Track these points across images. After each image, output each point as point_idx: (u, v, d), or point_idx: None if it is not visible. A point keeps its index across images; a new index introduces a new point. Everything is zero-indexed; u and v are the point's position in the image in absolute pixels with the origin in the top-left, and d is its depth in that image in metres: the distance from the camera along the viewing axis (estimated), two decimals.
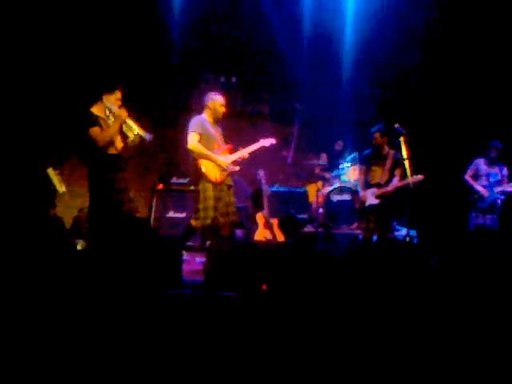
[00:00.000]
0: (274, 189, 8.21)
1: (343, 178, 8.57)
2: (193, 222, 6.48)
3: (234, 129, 6.78)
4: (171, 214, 8.13)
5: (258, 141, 6.57)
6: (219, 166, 6.30)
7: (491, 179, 7.59)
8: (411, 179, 6.57)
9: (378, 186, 7.00)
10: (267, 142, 6.62)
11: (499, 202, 7.58)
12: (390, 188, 6.93)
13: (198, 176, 6.33)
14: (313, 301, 2.55)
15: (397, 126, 6.53)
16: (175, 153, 8.76)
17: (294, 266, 2.72)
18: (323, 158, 8.93)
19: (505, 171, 7.58)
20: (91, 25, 7.97)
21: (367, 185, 7.12)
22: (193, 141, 6.25)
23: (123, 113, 5.66)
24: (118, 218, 5.57)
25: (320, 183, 8.63)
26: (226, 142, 6.50)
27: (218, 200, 6.29)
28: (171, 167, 8.66)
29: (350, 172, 8.52)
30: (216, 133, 6.40)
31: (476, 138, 7.96)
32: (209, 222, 6.28)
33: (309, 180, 8.85)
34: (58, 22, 7.86)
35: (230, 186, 6.43)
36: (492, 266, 2.84)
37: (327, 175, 8.71)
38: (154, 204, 8.20)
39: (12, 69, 7.66)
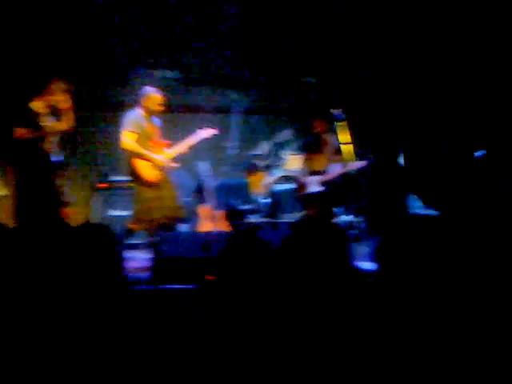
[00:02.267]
0: (217, 181, 8.19)
1: (285, 167, 8.62)
2: (130, 225, 6.33)
3: (173, 123, 6.68)
4: (112, 212, 8.03)
5: (197, 133, 6.49)
6: (156, 165, 6.17)
7: None
8: (353, 165, 6.64)
9: (320, 173, 7.07)
10: (207, 133, 6.52)
11: None
12: (332, 175, 7.00)
13: (135, 176, 6.20)
14: (257, 289, 2.55)
15: (334, 111, 6.61)
16: (115, 150, 8.64)
17: (237, 256, 2.72)
18: (264, 148, 8.95)
19: None
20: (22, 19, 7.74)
21: (309, 173, 7.17)
22: (127, 140, 6.06)
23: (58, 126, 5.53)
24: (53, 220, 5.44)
25: (262, 173, 8.66)
26: (164, 137, 6.38)
27: (159, 199, 6.16)
28: (111, 164, 8.55)
29: (291, 161, 8.57)
30: (152, 128, 6.23)
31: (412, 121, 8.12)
32: (147, 224, 6.15)
33: (251, 170, 8.87)
34: None
35: (168, 182, 6.30)
36: (434, 249, 2.90)
37: (268, 164, 8.74)
38: (94, 203, 8.08)
39: None
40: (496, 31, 7.51)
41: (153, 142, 6.22)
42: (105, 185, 8.13)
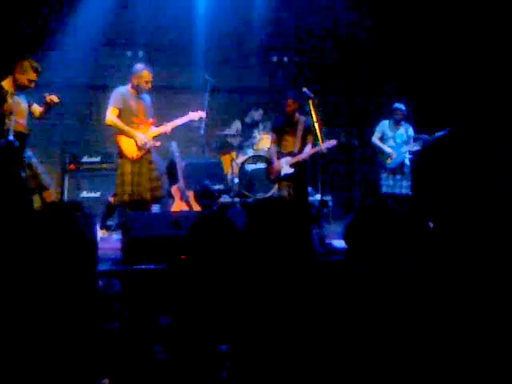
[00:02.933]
0: (188, 160, 8.17)
1: (257, 146, 8.62)
2: (111, 200, 6.47)
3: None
4: (85, 194, 8.01)
5: (187, 114, 6.52)
6: (136, 142, 6.22)
7: (398, 140, 7.78)
8: (323, 145, 6.60)
9: (292, 154, 6.96)
10: (196, 115, 6.55)
11: (407, 161, 7.79)
12: (304, 155, 6.88)
13: (117, 150, 6.30)
14: (225, 269, 2.57)
15: (305, 89, 6.54)
16: (85, 131, 8.59)
17: (204, 236, 2.73)
18: (237, 127, 8.94)
19: (410, 131, 7.78)
20: None
21: (280, 154, 7.06)
22: (110, 116, 6.14)
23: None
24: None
25: (234, 153, 8.65)
26: (152, 115, 6.42)
27: (137, 175, 6.21)
28: (81, 146, 8.49)
29: (263, 140, 8.57)
30: (138, 106, 6.27)
31: (383, 99, 8.15)
32: (126, 197, 6.20)
33: (223, 150, 8.87)
34: None
35: (150, 161, 6.35)
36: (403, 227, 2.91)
37: (240, 144, 8.73)
38: (65, 185, 8.04)
39: None
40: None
41: (138, 119, 6.26)
42: (76, 166, 8.09)
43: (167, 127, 6.42)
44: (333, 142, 6.77)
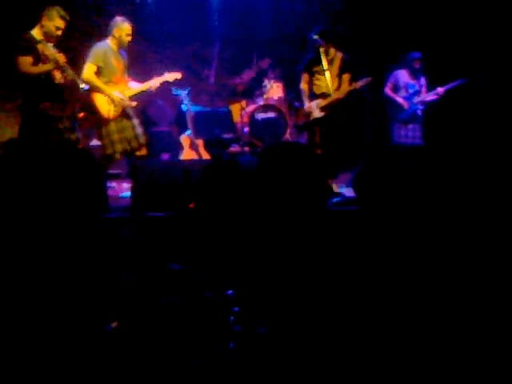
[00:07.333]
0: (198, 109, 8.11)
1: (267, 95, 8.53)
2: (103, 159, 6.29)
3: (149, 52, 6.54)
4: (94, 142, 8.02)
5: (163, 75, 6.30)
6: (112, 101, 6.05)
7: (410, 90, 7.67)
8: (358, 83, 6.25)
9: (325, 96, 6.43)
10: (171, 76, 6.31)
11: (419, 112, 7.70)
12: (336, 96, 6.30)
13: (92, 110, 6.08)
14: (235, 217, 2.56)
15: (316, 37, 6.38)
16: None
17: (218, 183, 2.71)
18: (246, 76, 8.85)
19: (423, 81, 7.67)
20: None
21: (312, 96, 6.53)
22: (88, 72, 5.91)
23: (60, 58, 5.41)
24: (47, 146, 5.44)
25: (244, 102, 8.58)
26: (129, 73, 6.24)
27: (121, 131, 6.09)
28: None
29: (273, 89, 8.48)
30: (118, 63, 6.08)
31: (396, 49, 8.01)
32: (118, 156, 6.09)
33: (232, 99, 8.79)
34: None
35: (126, 112, 6.15)
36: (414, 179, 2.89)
37: (250, 92, 8.65)
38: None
39: None
40: None
41: (116, 78, 6.07)
42: (85, 115, 8.06)
43: (144, 87, 6.18)
44: (368, 79, 6.34)
